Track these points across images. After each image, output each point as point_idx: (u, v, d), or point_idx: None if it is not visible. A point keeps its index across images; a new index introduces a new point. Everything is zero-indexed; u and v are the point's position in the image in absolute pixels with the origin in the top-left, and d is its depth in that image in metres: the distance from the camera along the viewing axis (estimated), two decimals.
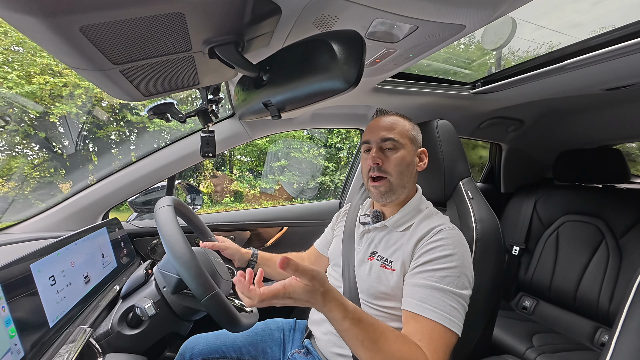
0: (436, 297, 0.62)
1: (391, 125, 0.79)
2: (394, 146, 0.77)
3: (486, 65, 2.01)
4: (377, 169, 0.77)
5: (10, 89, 3.02)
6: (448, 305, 0.61)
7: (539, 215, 1.65)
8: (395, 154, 0.77)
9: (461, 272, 0.64)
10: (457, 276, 0.64)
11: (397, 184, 0.77)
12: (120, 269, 0.93)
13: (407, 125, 0.81)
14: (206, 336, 0.91)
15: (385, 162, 0.77)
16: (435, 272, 0.65)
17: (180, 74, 0.61)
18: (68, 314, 0.66)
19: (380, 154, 0.78)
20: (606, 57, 0.87)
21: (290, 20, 0.59)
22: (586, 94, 1.20)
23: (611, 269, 1.33)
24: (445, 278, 0.64)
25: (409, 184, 0.79)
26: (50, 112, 3.25)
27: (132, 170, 1.14)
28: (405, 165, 0.77)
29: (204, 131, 0.93)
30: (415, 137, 0.81)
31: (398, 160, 0.77)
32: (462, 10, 0.57)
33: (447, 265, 0.65)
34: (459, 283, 0.63)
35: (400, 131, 0.78)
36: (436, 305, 0.61)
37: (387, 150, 0.78)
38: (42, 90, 3.18)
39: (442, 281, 0.63)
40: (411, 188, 0.81)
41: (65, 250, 0.70)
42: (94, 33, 0.39)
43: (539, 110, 1.52)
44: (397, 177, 0.77)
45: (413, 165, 0.79)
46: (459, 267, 0.65)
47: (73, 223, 1.07)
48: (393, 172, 0.77)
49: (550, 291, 1.51)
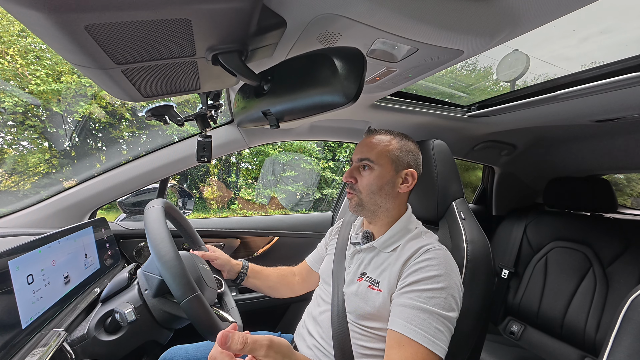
0: (422, 318, 0.61)
1: (372, 145, 0.80)
2: (369, 166, 0.79)
3: (482, 89, 2.07)
4: (350, 186, 0.81)
5: (37, 85, 3.03)
6: (433, 327, 0.60)
7: (528, 239, 1.67)
8: (370, 173, 0.79)
9: (448, 294, 0.64)
10: (443, 297, 0.63)
11: (367, 202, 0.79)
12: (102, 271, 0.91)
13: (391, 146, 0.79)
14: (186, 347, 0.88)
15: (359, 180, 0.80)
16: (421, 292, 0.64)
17: (182, 77, 0.61)
18: (43, 315, 0.63)
19: (356, 172, 0.81)
20: (597, 90, 0.91)
21: (294, 33, 0.60)
22: (577, 124, 1.24)
23: (598, 298, 1.33)
24: (431, 299, 0.63)
25: (385, 203, 0.79)
26: (74, 111, 3.27)
27: (124, 170, 1.12)
28: (377, 185, 0.78)
29: (201, 136, 0.93)
30: (400, 157, 0.79)
31: (370, 180, 0.78)
32: (461, 37, 0.60)
33: (433, 286, 0.64)
34: (446, 305, 0.63)
35: (380, 151, 0.79)
36: (421, 327, 0.61)
37: (362, 169, 0.81)
38: (67, 89, 3.21)
39: (429, 302, 0.63)
40: (393, 207, 0.80)
41: (47, 248, 0.68)
42: (99, 32, 0.39)
43: (531, 136, 1.56)
44: (367, 195, 0.79)
45: (391, 185, 0.78)
46: (446, 289, 0.64)
47: (59, 220, 1.04)
48: (363, 190, 0.79)
49: (537, 317, 1.50)
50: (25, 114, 3.19)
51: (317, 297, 0.91)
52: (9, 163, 3.21)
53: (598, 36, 1.35)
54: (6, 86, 3.08)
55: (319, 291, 0.92)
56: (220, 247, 1.35)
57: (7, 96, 3.04)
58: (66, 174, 3.49)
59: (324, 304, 0.85)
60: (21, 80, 3.17)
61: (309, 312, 0.90)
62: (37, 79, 3.13)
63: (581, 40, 1.43)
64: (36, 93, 3.15)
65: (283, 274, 1.06)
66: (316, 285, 0.98)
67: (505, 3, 0.53)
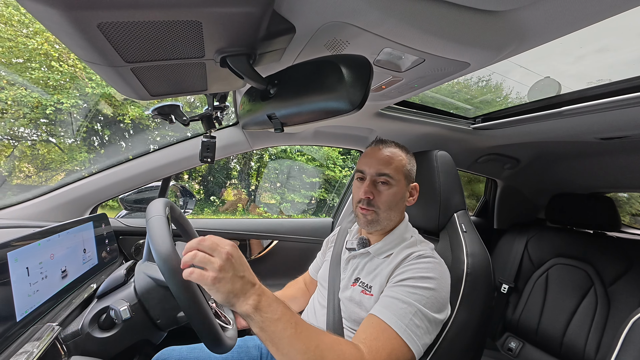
0: (400, 307, 0.61)
1: (388, 159, 0.78)
2: (388, 182, 0.77)
3: (487, 103, 2.07)
4: (366, 202, 0.77)
5: (93, 88, 3.10)
6: (408, 318, 0.60)
7: (529, 255, 1.65)
8: (388, 189, 0.77)
9: (432, 295, 0.64)
10: (427, 297, 0.63)
11: (384, 218, 0.78)
12: (100, 267, 0.90)
13: (403, 160, 0.80)
14: (180, 349, 0.87)
15: (377, 197, 0.77)
16: (406, 287, 0.65)
17: (190, 78, 0.62)
18: (38, 309, 0.63)
19: (373, 188, 0.78)
20: (603, 108, 0.90)
21: (303, 40, 0.61)
22: (581, 141, 1.24)
23: (599, 317, 1.31)
24: (414, 294, 0.63)
25: (396, 217, 0.80)
26: (123, 113, 3.35)
27: (127, 167, 1.13)
28: (395, 202, 0.78)
29: (206, 136, 0.94)
30: (410, 171, 0.81)
31: (390, 196, 0.77)
32: (468, 49, 0.60)
33: (420, 285, 0.65)
34: (428, 303, 0.63)
35: (397, 167, 0.78)
36: (396, 314, 0.60)
37: (380, 184, 0.78)
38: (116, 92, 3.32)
39: (411, 296, 0.63)
40: (398, 219, 0.82)
41: (47, 241, 0.68)
42: (111, 30, 0.40)
43: (535, 151, 1.55)
44: (385, 211, 0.77)
45: (403, 200, 0.80)
46: (432, 290, 0.64)
47: (60, 214, 1.04)
48: (382, 207, 0.77)
49: (537, 334, 1.48)
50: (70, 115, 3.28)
51: (314, 301, 0.91)
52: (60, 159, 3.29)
53: (595, 54, 1.36)
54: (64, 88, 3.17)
55: (316, 296, 0.92)
56: None
57: (64, 97, 3.12)
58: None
59: (320, 307, 0.86)
60: (79, 83, 3.27)
61: (305, 316, 0.91)
62: (92, 82, 3.22)
63: (578, 57, 1.45)
64: (91, 95, 3.25)
65: (298, 288, 1.08)
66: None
67: (514, 17, 0.53)
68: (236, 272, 0.50)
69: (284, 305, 0.53)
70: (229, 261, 0.50)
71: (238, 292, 0.50)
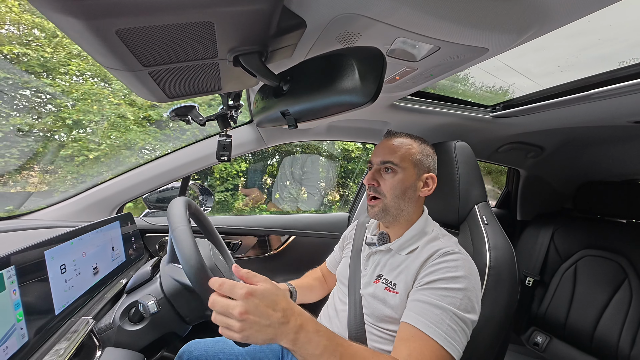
0: (435, 313, 0.60)
1: (394, 148, 0.79)
2: (392, 169, 0.77)
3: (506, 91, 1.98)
4: (373, 189, 0.79)
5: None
6: (446, 324, 0.59)
7: (556, 246, 1.58)
8: (393, 177, 0.77)
9: (465, 295, 0.62)
10: (460, 298, 0.62)
11: (391, 206, 0.77)
12: (128, 264, 0.95)
13: (413, 149, 0.79)
14: (205, 342, 0.91)
15: (382, 184, 0.78)
16: (437, 290, 0.63)
17: (204, 79, 0.63)
18: (74, 303, 0.67)
19: (378, 175, 0.79)
20: (635, 89, 0.84)
21: (314, 34, 0.61)
22: (611, 125, 1.16)
23: (634, 311, 1.24)
24: (446, 297, 0.62)
25: (407, 207, 0.78)
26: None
27: (148, 168, 1.17)
28: (401, 189, 0.77)
29: (222, 135, 0.95)
30: (422, 161, 0.79)
31: (394, 183, 0.77)
32: (486, 34, 0.57)
33: (450, 286, 0.63)
34: (462, 305, 0.61)
35: (403, 154, 0.78)
36: (433, 321, 0.60)
37: (385, 172, 0.79)
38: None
39: (444, 300, 0.61)
40: (413, 211, 0.80)
41: (79, 240, 0.72)
42: (129, 36, 0.41)
43: (560, 138, 1.47)
44: (392, 199, 0.77)
45: (413, 189, 0.78)
46: (463, 290, 0.63)
47: (88, 214, 1.10)
48: (388, 194, 0.77)
49: (565, 328, 1.42)
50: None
51: (334, 297, 0.91)
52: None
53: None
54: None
55: (335, 292, 0.92)
56: (238, 245, 1.38)
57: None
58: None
59: (340, 304, 0.85)
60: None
61: (326, 312, 0.91)
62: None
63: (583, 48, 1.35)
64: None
65: (316, 277, 1.08)
66: (334, 286, 0.99)
67: None
68: (262, 315, 0.46)
69: (327, 337, 0.50)
70: (251, 302, 0.46)
71: (272, 336, 0.47)
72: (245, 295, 0.46)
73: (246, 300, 0.46)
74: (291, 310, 0.50)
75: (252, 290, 0.47)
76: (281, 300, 0.50)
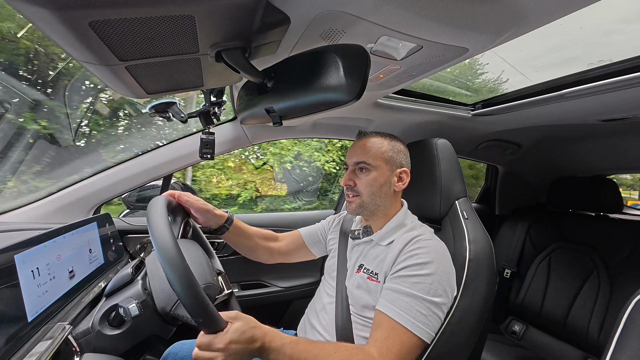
0: (404, 301, 0.65)
1: (366, 148, 0.82)
2: (366, 168, 0.81)
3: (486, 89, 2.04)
4: (350, 189, 0.83)
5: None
6: (415, 311, 0.64)
7: (532, 239, 1.65)
8: (367, 175, 0.81)
9: (434, 280, 0.67)
10: (429, 283, 0.66)
11: (368, 202, 0.81)
12: (107, 266, 0.92)
13: (383, 147, 0.82)
14: (191, 343, 0.89)
15: (358, 183, 0.82)
16: (408, 278, 0.68)
17: (185, 74, 0.62)
18: (48, 309, 0.64)
19: (354, 175, 0.83)
20: (603, 89, 0.89)
21: (298, 30, 0.60)
22: (583, 123, 1.23)
23: (602, 299, 1.32)
24: (416, 284, 0.67)
25: (383, 202, 0.82)
26: None
27: (128, 166, 1.13)
28: (377, 186, 0.80)
29: (204, 132, 0.93)
30: (394, 157, 0.82)
31: (369, 181, 0.80)
32: (466, 34, 0.59)
33: (419, 272, 0.68)
34: (431, 290, 0.66)
35: (374, 154, 0.81)
36: (402, 308, 0.65)
37: (360, 172, 0.82)
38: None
39: (413, 287, 0.66)
40: (390, 205, 0.84)
41: (53, 242, 0.69)
42: (103, 29, 0.39)
43: (536, 135, 1.54)
44: (368, 196, 0.81)
45: (388, 185, 0.82)
46: (433, 275, 0.67)
47: (64, 215, 1.05)
48: (364, 192, 0.81)
49: (540, 317, 1.49)
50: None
51: (321, 292, 0.93)
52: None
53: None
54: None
55: (322, 287, 0.94)
56: (223, 245, 1.36)
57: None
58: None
59: (327, 297, 0.87)
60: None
61: (312, 306, 0.93)
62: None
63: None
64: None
65: (266, 238, 1.03)
66: (298, 259, 1.07)
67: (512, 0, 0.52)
68: (244, 354, 0.55)
69: (290, 347, 0.59)
70: (232, 349, 0.53)
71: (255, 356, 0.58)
72: (224, 346, 0.53)
73: (226, 349, 0.53)
74: (264, 334, 0.59)
75: (228, 340, 0.53)
76: (255, 331, 0.57)
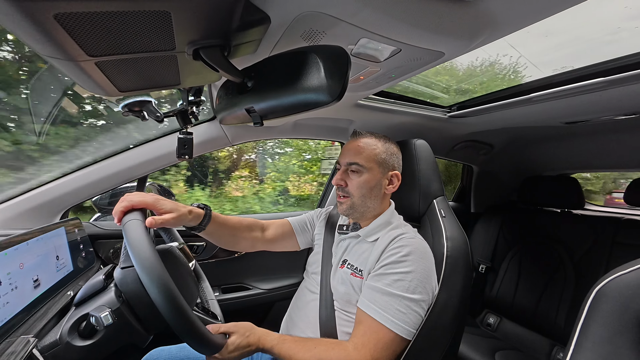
0: (384, 299, 0.67)
1: (360, 149, 0.82)
2: (359, 170, 0.81)
3: (461, 91, 2.12)
4: (341, 189, 0.83)
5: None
6: (394, 309, 0.66)
7: (504, 235, 1.74)
8: (359, 177, 0.81)
9: (413, 277, 0.68)
10: (408, 280, 0.68)
11: (358, 204, 0.82)
12: (76, 273, 0.86)
13: (377, 149, 0.82)
14: (169, 349, 0.86)
15: (349, 184, 0.82)
16: (387, 276, 0.69)
17: (161, 72, 0.59)
18: (10, 321, 0.59)
19: (346, 176, 0.83)
20: (566, 94, 0.96)
21: (278, 30, 0.60)
22: (548, 126, 1.31)
23: (567, 290, 1.41)
24: (396, 282, 0.68)
25: (373, 204, 0.83)
26: None
27: (99, 168, 1.07)
28: (368, 188, 0.81)
29: (182, 132, 0.90)
30: (387, 160, 0.83)
31: (360, 183, 0.81)
32: (442, 39, 0.61)
33: (399, 270, 0.69)
34: (410, 287, 0.67)
35: (367, 155, 0.81)
36: (381, 307, 0.66)
37: (352, 173, 0.82)
38: None
39: (392, 285, 0.68)
40: (379, 207, 0.85)
41: (14, 250, 0.64)
42: (70, 22, 0.37)
43: (507, 136, 1.63)
44: (359, 198, 0.81)
45: (379, 187, 0.82)
46: (412, 272, 0.68)
47: (28, 220, 0.98)
48: (355, 193, 0.81)
49: (512, 309, 1.57)
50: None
51: (304, 289, 0.92)
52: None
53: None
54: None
55: (305, 284, 0.93)
56: (202, 248, 1.32)
57: None
58: None
59: (310, 294, 0.87)
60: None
61: (295, 304, 0.92)
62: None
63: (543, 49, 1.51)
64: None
65: (250, 227, 0.96)
66: (282, 248, 1.04)
67: (484, 7, 0.54)
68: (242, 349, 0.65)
69: (278, 347, 0.68)
70: (232, 355, 0.63)
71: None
72: (229, 353, 0.63)
73: (231, 354, 0.63)
74: (257, 340, 0.68)
75: (226, 356, 0.62)
76: (249, 339, 0.66)
